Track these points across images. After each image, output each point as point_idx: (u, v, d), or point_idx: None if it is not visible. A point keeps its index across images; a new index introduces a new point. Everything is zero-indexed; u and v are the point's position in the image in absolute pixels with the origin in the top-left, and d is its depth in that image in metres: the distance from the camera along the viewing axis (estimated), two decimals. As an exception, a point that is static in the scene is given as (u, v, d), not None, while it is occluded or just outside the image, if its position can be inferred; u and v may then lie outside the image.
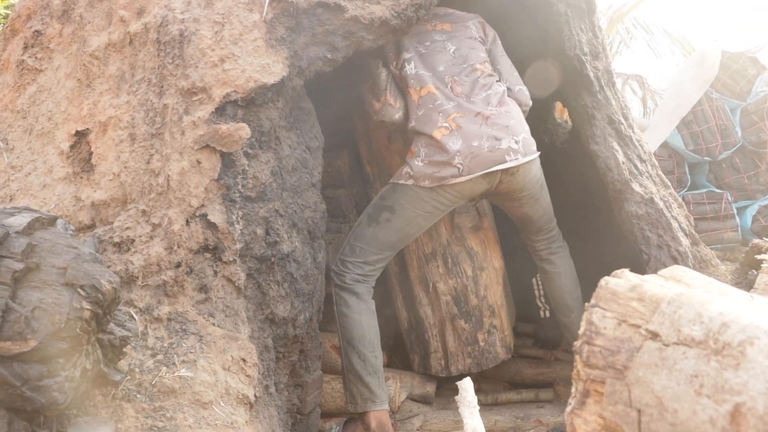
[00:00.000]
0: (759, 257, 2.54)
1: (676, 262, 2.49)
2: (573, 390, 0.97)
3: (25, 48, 2.29)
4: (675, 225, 2.58)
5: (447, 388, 2.89)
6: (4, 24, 2.72)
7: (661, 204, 2.57)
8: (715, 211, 5.15)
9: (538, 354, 3.17)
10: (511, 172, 2.23)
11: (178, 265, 1.71)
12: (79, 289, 1.22)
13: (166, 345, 1.60)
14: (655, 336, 0.88)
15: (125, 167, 1.85)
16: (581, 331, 0.95)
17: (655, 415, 0.84)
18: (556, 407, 2.71)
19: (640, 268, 2.50)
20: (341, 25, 1.95)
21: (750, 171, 5.35)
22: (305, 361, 2.01)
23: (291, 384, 1.98)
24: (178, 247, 1.72)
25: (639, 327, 0.91)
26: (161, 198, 1.77)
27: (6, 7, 4.80)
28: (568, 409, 0.96)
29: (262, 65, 1.82)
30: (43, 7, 2.31)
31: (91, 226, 1.87)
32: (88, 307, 1.22)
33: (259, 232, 1.80)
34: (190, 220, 1.74)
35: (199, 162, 1.76)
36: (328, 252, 2.58)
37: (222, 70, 1.80)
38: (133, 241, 1.74)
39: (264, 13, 1.88)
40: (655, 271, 2.18)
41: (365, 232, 2.31)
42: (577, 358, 0.95)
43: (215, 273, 1.74)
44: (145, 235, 1.75)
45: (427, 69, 2.30)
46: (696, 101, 5.01)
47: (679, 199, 3.08)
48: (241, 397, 1.57)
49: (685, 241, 2.60)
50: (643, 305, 0.92)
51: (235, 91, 1.78)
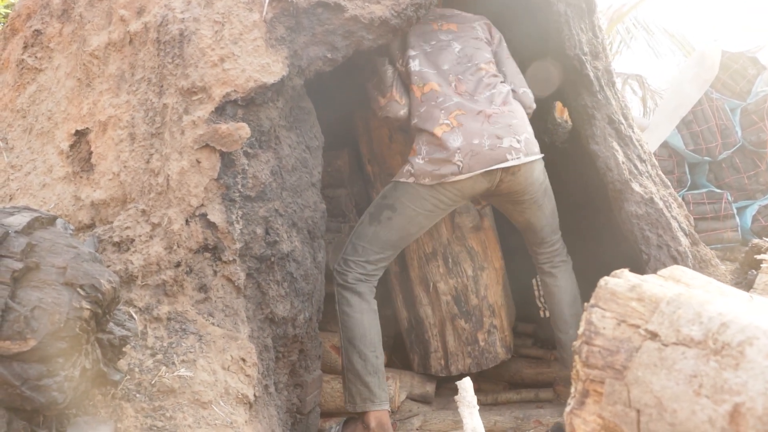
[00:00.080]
0: (759, 257, 2.54)
1: (675, 261, 2.49)
2: (572, 390, 0.97)
3: (25, 47, 2.29)
4: (675, 225, 2.58)
5: (447, 387, 2.89)
6: (4, 23, 2.72)
7: (660, 204, 2.57)
8: (715, 211, 5.15)
9: (538, 354, 3.17)
10: (512, 171, 2.22)
11: (178, 264, 1.71)
12: (78, 289, 1.22)
13: (165, 344, 1.60)
14: (654, 336, 0.88)
15: (125, 167, 1.85)
16: (581, 331, 0.95)
17: (654, 415, 0.84)
18: (556, 407, 2.70)
19: (639, 268, 2.50)
20: (341, 24, 1.95)
21: (750, 171, 5.35)
22: (305, 360, 2.01)
23: (290, 384, 1.98)
24: (178, 246, 1.72)
25: (638, 327, 0.91)
26: (161, 197, 1.77)
27: (6, 7, 4.80)
28: (568, 409, 0.96)
29: (262, 65, 1.82)
30: (43, 6, 2.31)
31: (90, 226, 1.87)
32: (88, 306, 1.22)
33: (259, 231, 1.80)
34: (189, 220, 1.74)
35: (198, 161, 1.76)
36: (327, 252, 2.58)
37: (222, 70, 1.80)
38: (132, 240, 1.74)
39: (264, 13, 1.88)
40: (654, 270, 2.18)
41: (367, 231, 2.31)
42: (576, 358, 0.95)
43: (215, 272, 1.74)
44: (144, 234, 1.75)
45: (431, 67, 2.30)
46: (696, 101, 5.01)
47: (679, 199, 3.08)
48: (240, 396, 1.57)
49: (684, 241, 2.60)
50: (642, 305, 0.92)
51: (235, 90, 1.78)
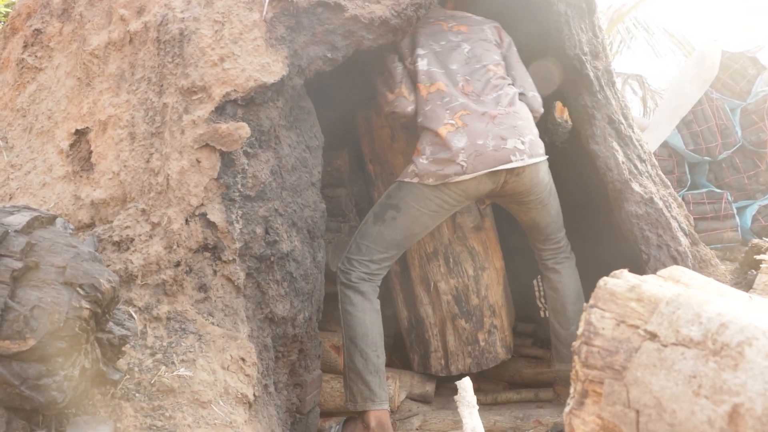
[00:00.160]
0: (758, 257, 2.54)
1: (675, 261, 2.49)
2: (571, 390, 0.97)
3: (25, 46, 2.29)
4: (675, 225, 2.58)
5: (446, 387, 2.89)
6: (5, 22, 2.72)
7: (660, 204, 2.57)
8: (715, 211, 5.15)
9: (538, 354, 3.17)
10: (516, 172, 2.22)
11: (178, 264, 1.71)
12: (78, 288, 1.22)
13: (165, 344, 1.60)
14: (653, 336, 0.88)
15: (125, 166, 1.85)
16: (580, 331, 0.95)
17: (654, 416, 0.84)
18: (556, 407, 2.70)
19: (639, 268, 2.50)
20: (341, 24, 1.95)
21: (750, 171, 5.35)
22: (304, 360, 2.01)
23: (290, 383, 1.98)
24: (178, 246, 1.72)
25: (637, 327, 0.91)
26: (161, 197, 1.77)
27: (6, 6, 4.80)
28: (567, 409, 0.96)
29: (262, 64, 1.82)
30: (43, 5, 2.31)
31: (90, 225, 1.87)
32: (87, 306, 1.22)
33: (259, 231, 1.80)
34: (189, 219, 1.74)
35: (198, 161, 1.76)
36: (327, 251, 2.58)
37: (222, 69, 1.80)
38: (132, 240, 1.74)
39: (264, 12, 1.87)
40: (654, 270, 2.18)
41: (371, 231, 2.31)
42: (575, 358, 0.95)
43: (214, 272, 1.74)
44: (144, 234, 1.75)
45: (439, 66, 2.30)
46: (696, 101, 5.01)
47: (679, 198, 3.08)
48: (240, 396, 1.57)
49: (684, 241, 2.60)
50: (641, 306, 0.92)
51: (234, 90, 1.78)
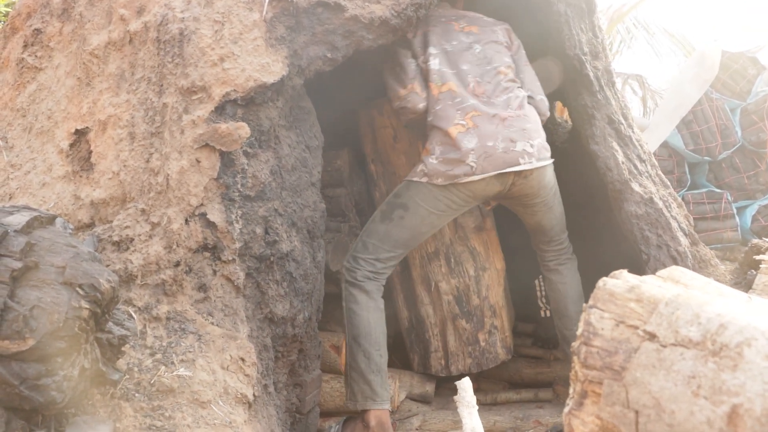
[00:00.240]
0: (758, 257, 2.54)
1: (675, 261, 2.49)
2: (571, 391, 0.97)
3: (25, 46, 2.29)
4: (674, 225, 2.58)
5: (446, 387, 2.89)
6: (5, 22, 2.72)
7: (660, 204, 2.57)
8: (715, 211, 5.15)
9: (538, 354, 3.17)
10: (524, 175, 2.24)
11: (177, 264, 1.71)
12: (77, 288, 1.22)
13: (164, 344, 1.60)
14: (652, 337, 0.88)
15: (125, 166, 1.85)
16: (579, 331, 0.95)
17: (653, 416, 0.84)
18: (556, 407, 2.71)
19: (639, 268, 2.50)
20: (341, 24, 1.95)
21: (750, 171, 5.35)
22: (304, 360, 2.01)
23: (290, 383, 1.98)
24: (177, 246, 1.72)
25: (637, 328, 0.91)
26: (160, 197, 1.77)
27: (6, 5, 4.80)
28: (566, 409, 0.96)
29: (262, 64, 1.82)
30: (43, 5, 2.31)
31: (90, 225, 1.87)
32: (87, 306, 1.22)
33: (259, 231, 1.80)
34: (189, 219, 1.74)
35: (198, 161, 1.76)
36: (327, 251, 2.58)
37: (222, 69, 1.80)
38: (132, 240, 1.74)
39: (264, 12, 1.87)
40: (654, 270, 2.18)
41: (378, 229, 2.31)
42: (575, 358, 0.95)
43: (214, 272, 1.74)
44: (144, 234, 1.75)
45: (450, 67, 2.31)
46: (696, 101, 5.01)
47: (679, 198, 3.08)
48: (239, 396, 1.57)
49: (684, 241, 2.60)
50: (641, 306, 0.92)
51: (234, 90, 1.78)
